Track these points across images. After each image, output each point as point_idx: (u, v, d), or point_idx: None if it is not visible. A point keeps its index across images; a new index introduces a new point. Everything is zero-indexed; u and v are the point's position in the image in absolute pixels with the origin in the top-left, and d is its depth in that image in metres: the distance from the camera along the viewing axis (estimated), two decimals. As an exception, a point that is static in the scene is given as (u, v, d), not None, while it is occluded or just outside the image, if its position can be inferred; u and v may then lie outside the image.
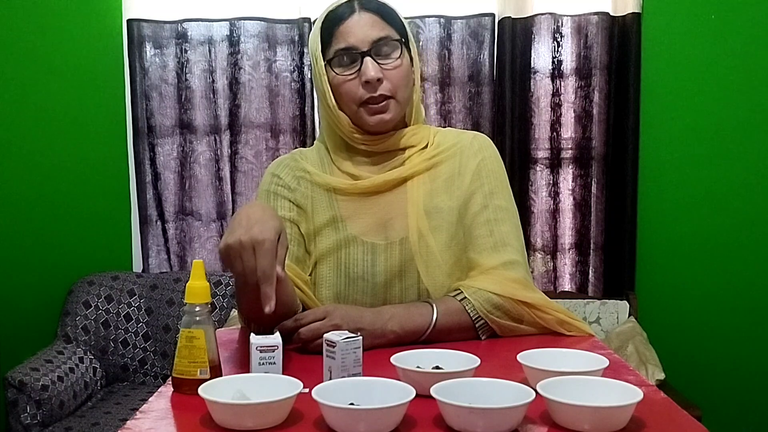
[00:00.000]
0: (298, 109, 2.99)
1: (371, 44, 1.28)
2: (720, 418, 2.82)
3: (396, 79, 1.30)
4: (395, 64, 1.30)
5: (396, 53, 1.30)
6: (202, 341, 1.01)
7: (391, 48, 1.30)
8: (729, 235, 2.94)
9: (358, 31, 1.28)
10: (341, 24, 1.29)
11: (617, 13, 2.87)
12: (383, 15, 1.30)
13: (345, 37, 1.29)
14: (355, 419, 0.83)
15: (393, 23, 1.31)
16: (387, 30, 1.30)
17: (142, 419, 0.92)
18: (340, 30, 1.29)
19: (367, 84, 1.28)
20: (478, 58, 2.94)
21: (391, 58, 1.30)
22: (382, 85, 1.29)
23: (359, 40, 1.28)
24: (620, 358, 1.20)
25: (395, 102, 1.31)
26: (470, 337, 1.27)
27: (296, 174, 1.39)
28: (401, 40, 1.31)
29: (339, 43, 1.29)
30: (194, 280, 1.03)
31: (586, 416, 0.84)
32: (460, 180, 1.36)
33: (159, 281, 2.97)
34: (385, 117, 1.31)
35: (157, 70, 3.00)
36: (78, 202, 3.08)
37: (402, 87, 1.31)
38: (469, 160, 1.37)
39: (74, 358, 2.76)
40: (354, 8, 1.30)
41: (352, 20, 1.29)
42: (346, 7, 1.30)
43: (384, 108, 1.30)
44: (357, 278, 1.31)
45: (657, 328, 2.85)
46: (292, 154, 1.45)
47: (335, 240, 1.33)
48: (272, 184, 1.39)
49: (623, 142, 2.89)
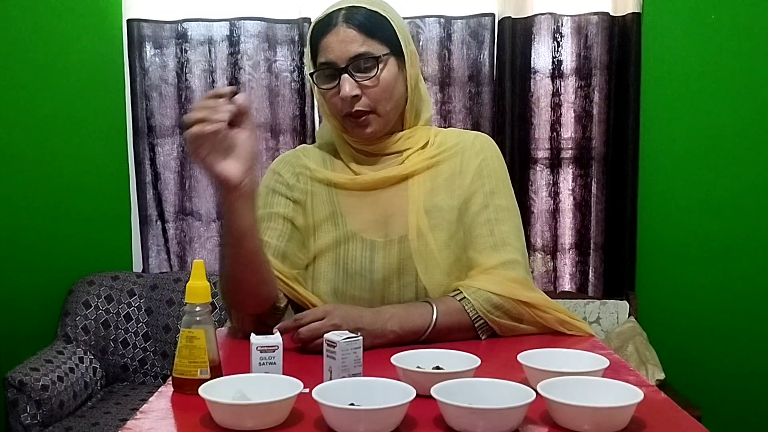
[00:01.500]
0: (298, 109, 3.00)
1: (348, 60, 1.28)
2: (720, 418, 2.81)
3: (375, 93, 1.30)
4: (373, 82, 1.29)
5: (373, 71, 1.29)
6: (203, 341, 1.01)
7: (369, 64, 1.29)
8: (729, 235, 2.94)
9: (336, 47, 1.28)
10: (324, 37, 1.30)
11: (617, 13, 2.87)
12: (366, 28, 1.29)
13: (325, 51, 1.30)
14: (356, 419, 0.83)
15: (376, 35, 1.29)
16: (366, 45, 1.28)
17: (142, 419, 0.92)
18: (322, 44, 1.30)
19: (344, 100, 1.29)
20: (478, 58, 2.94)
21: (368, 75, 1.29)
22: (360, 101, 1.29)
23: (337, 56, 1.28)
24: (620, 358, 1.20)
25: (375, 116, 1.31)
26: (470, 337, 1.27)
27: (296, 170, 1.40)
28: (380, 56, 1.29)
29: (320, 57, 1.31)
30: (195, 280, 1.03)
31: (587, 416, 0.84)
32: (461, 179, 1.36)
33: (159, 281, 2.97)
34: (367, 131, 1.32)
35: (157, 70, 3.00)
36: (78, 202, 3.08)
37: (383, 101, 1.31)
38: (471, 160, 1.37)
39: (74, 358, 2.76)
40: (336, 21, 1.29)
41: (332, 35, 1.29)
42: (329, 18, 1.30)
43: (364, 122, 1.31)
44: (355, 274, 1.32)
45: (657, 328, 2.85)
46: (294, 151, 1.46)
47: (334, 236, 1.33)
48: (272, 181, 1.40)
49: (623, 142, 2.89)
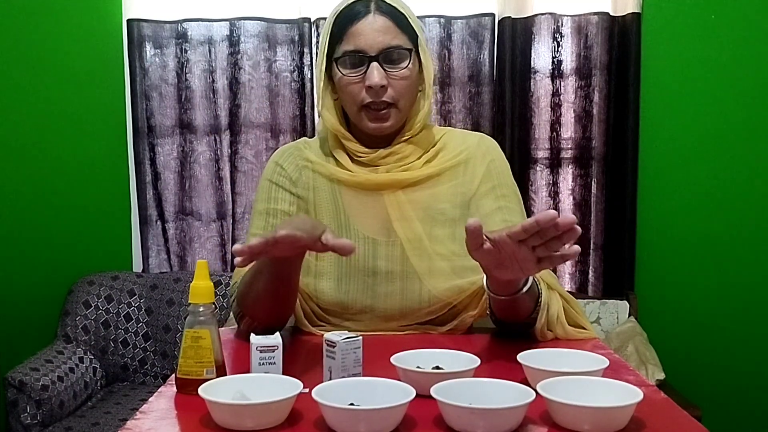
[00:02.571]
0: (298, 109, 3.00)
1: (380, 51, 1.27)
2: (720, 418, 2.82)
3: (400, 87, 1.29)
4: (402, 74, 1.29)
5: (404, 62, 1.29)
6: (208, 341, 1.01)
7: (400, 57, 1.29)
8: (729, 234, 2.94)
9: (369, 35, 1.27)
10: (353, 24, 1.28)
11: (617, 13, 2.87)
12: (397, 20, 1.29)
13: (355, 38, 1.28)
14: (355, 419, 0.83)
15: (406, 30, 1.30)
16: (399, 38, 1.28)
17: (143, 419, 0.92)
18: (351, 30, 1.28)
19: (370, 89, 1.28)
20: (478, 58, 2.94)
21: (399, 67, 1.29)
22: (385, 92, 1.28)
23: (369, 44, 1.27)
24: (620, 358, 1.19)
25: (396, 110, 1.31)
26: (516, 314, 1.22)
27: (299, 163, 1.39)
28: (411, 49, 1.30)
29: (348, 44, 1.28)
30: (198, 281, 1.03)
31: (587, 416, 0.84)
32: (469, 184, 1.35)
33: (159, 281, 2.97)
34: (385, 124, 1.31)
35: (157, 70, 3.00)
36: (78, 202, 3.08)
37: (405, 95, 1.31)
38: (477, 164, 1.37)
39: (74, 358, 2.76)
40: (369, 9, 1.28)
41: (366, 22, 1.27)
42: (361, 6, 1.29)
43: (385, 116, 1.30)
44: (357, 272, 1.31)
45: (657, 328, 2.86)
46: (296, 143, 1.45)
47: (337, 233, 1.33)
48: (275, 174, 1.39)
49: (623, 142, 2.89)
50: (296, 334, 1.32)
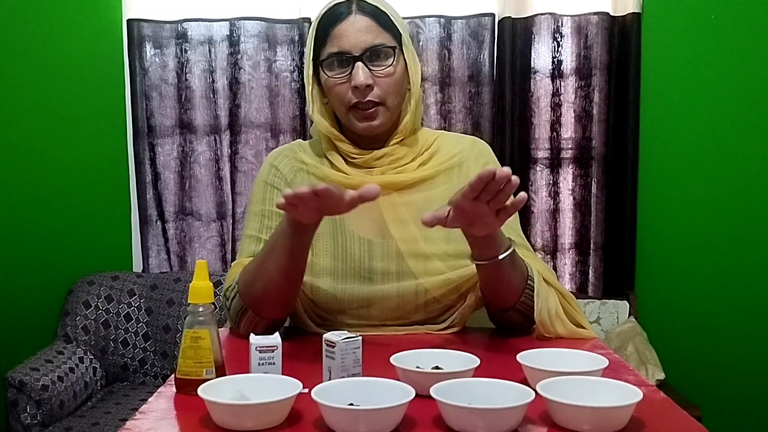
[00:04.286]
0: (298, 109, 3.00)
1: (364, 50, 1.28)
2: (720, 418, 2.81)
3: (386, 85, 1.30)
4: (387, 72, 1.30)
5: (389, 60, 1.30)
6: (208, 341, 1.01)
7: (385, 55, 1.29)
8: (729, 235, 2.94)
9: (352, 35, 1.28)
10: (336, 26, 1.29)
11: (617, 13, 2.87)
12: (380, 19, 1.30)
13: (338, 40, 1.29)
14: (355, 419, 0.83)
15: (389, 28, 1.31)
16: (382, 37, 1.29)
17: (142, 419, 0.92)
18: (334, 32, 1.29)
19: (356, 89, 1.28)
20: (478, 58, 2.94)
21: (384, 65, 1.29)
22: (371, 91, 1.29)
23: (352, 45, 1.28)
24: (620, 358, 1.19)
25: (384, 108, 1.31)
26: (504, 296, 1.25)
27: (294, 165, 1.40)
28: (395, 47, 1.30)
29: (332, 46, 1.29)
30: (198, 281, 1.03)
31: (586, 416, 0.84)
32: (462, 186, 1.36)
33: (159, 281, 2.97)
34: (374, 123, 1.32)
35: (157, 70, 3.00)
36: (78, 202, 3.08)
37: (392, 94, 1.31)
38: (471, 167, 1.38)
39: (74, 358, 2.76)
40: (351, 10, 1.29)
41: (347, 23, 1.28)
42: (342, 7, 1.30)
43: (373, 114, 1.31)
44: (354, 273, 1.32)
45: (657, 328, 2.86)
46: (291, 145, 1.46)
47: (333, 233, 1.33)
48: (270, 175, 1.41)
49: (623, 142, 2.89)
50: (296, 334, 1.33)
